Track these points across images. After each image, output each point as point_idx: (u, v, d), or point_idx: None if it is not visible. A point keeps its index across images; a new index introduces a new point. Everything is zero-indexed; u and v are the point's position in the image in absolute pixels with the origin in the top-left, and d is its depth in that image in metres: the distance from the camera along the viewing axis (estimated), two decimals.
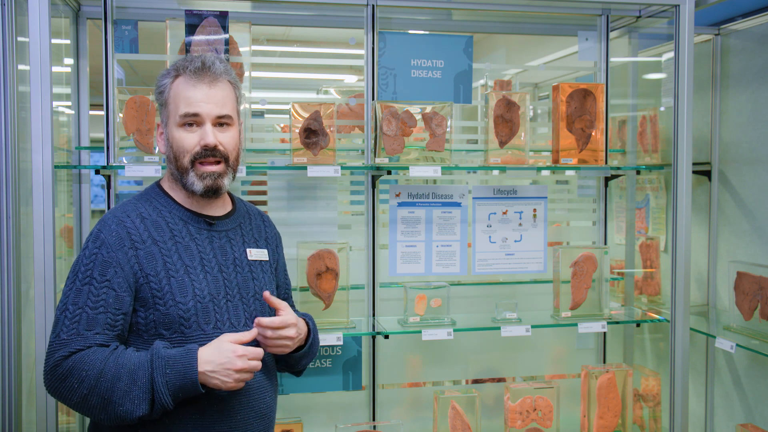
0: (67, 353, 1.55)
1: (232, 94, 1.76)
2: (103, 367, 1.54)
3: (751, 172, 2.82)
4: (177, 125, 1.70)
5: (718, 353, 2.98)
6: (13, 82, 2.23)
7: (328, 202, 2.76)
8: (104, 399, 1.53)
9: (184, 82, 1.70)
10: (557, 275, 2.73)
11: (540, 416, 2.67)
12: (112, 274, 1.61)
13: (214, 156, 1.70)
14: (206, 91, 1.69)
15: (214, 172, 1.71)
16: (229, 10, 2.53)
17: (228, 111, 1.73)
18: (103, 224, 1.67)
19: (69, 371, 1.54)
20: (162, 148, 1.77)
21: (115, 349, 1.58)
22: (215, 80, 1.71)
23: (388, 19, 2.77)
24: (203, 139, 1.69)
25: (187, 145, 1.69)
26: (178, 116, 1.69)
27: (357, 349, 2.75)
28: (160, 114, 1.76)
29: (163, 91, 1.73)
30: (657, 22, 2.86)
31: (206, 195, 1.73)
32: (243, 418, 1.69)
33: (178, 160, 1.71)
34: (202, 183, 1.70)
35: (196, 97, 1.69)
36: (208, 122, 1.70)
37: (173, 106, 1.71)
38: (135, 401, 1.53)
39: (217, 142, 1.70)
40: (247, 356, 1.60)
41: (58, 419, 2.15)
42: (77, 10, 2.62)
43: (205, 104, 1.69)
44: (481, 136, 2.95)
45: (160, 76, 1.76)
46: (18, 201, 2.24)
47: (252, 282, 1.78)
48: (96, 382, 1.53)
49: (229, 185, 1.77)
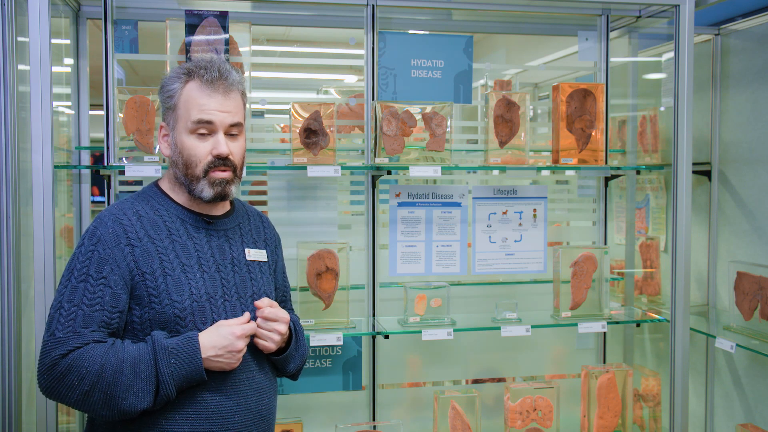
0: (64, 351, 1.54)
1: (242, 103, 1.77)
2: (103, 362, 1.53)
3: (751, 172, 2.82)
4: (188, 131, 1.69)
5: (718, 353, 2.98)
6: (13, 82, 2.23)
7: (328, 202, 2.76)
8: (107, 394, 1.53)
9: (197, 89, 1.69)
10: (557, 275, 2.73)
11: (540, 416, 2.67)
12: (108, 271, 1.61)
13: (226, 165, 1.71)
14: (221, 100, 1.70)
15: (225, 178, 1.71)
16: (229, 10, 2.53)
17: (239, 119, 1.74)
18: (99, 221, 1.67)
19: (67, 369, 1.54)
20: (166, 151, 1.76)
21: (113, 344, 1.57)
22: (229, 90, 1.72)
23: (388, 19, 2.77)
24: (216, 148, 1.69)
25: (199, 154, 1.69)
26: (191, 122, 1.68)
27: (357, 349, 2.75)
28: (166, 116, 1.75)
29: (173, 94, 1.71)
30: (657, 22, 2.86)
31: (213, 201, 1.73)
32: (242, 419, 1.68)
33: (189, 168, 1.70)
34: (212, 190, 1.70)
35: (211, 105, 1.69)
36: (221, 131, 1.70)
37: (184, 111, 1.70)
38: (139, 394, 1.54)
39: (229, 151, 1.71)
40: (245, 334, 1.66)
41: (58, 419, 2.15)
42: (77, 10, 2.62)
43: (219, 113, 1.69)
44: (481, 136, 2.95)
45: (168, 77, 1.74)
46: (18, 201, 2.24)
47: (250, 282, 1.78)
48: (97, 378, 1.53)
49: (236, 193, 1.77)
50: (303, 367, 1.93)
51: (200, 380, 1.60)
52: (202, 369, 1.59)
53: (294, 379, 1.93)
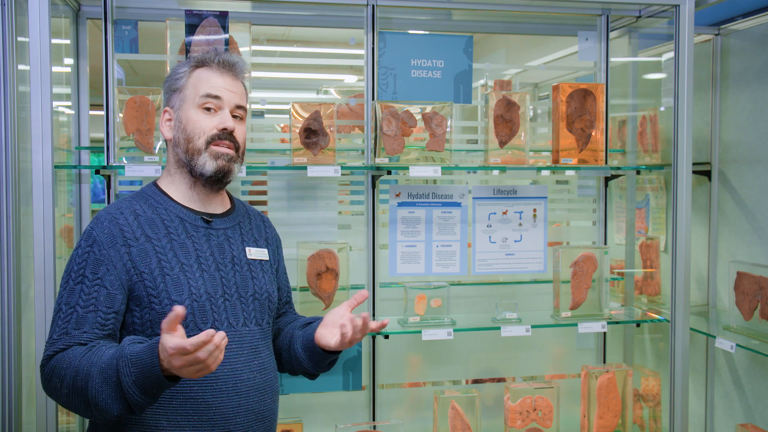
0: (51, 353, 1.54)
1: (245, 93, 1.82)
2: (77, 365, 1.50)
3: (751, 172, 2.82)
4: (196, 106, 1.71)
5: (718, 353, 2.98)
6: (13, 82, 2.23)
7: (328, 202, 2.76)
8: (83, 397, 1.49)
9: (207, 70, 1.75)
10: (557, 275, 2.73)
11: (540, 416, 2.67)
12: (104, 272, 1.60)
13: (230, 140, 1.73)
14: (230, 81, 1.76)
15: (228, 153, 1.72)
16: (229, 10, 2.53)
17: (245, 103, 1.79)
18: (95, 222, 1.66)
19: (51, 371, 1.53)
20: (167, 134, 1.76)
21: (92, 347, 1.53)
22: (237, 76, 1.78)
23: (388, 19, 2.77)
24: (222, 122, 1.72)
25: (204, 126, 1.71)
26: (199, 96, 1.71)
27: (357, 349, 2.75)
28: (171, 99, 1.77)
29: (180, 77, 1.75)
30: (657, 22, 2.86)
31: (214, 179, 1.72)
32: (243, 420, 1.68)
33: (191, 141, 1.70)
34: (215, 163, 1.70)
35: (220, 83, 1.74)
36: (227, 108, 1.73)
37: (192, 89, 1.73)
38: (108, 400, 1.46)
39: (235, 127, 1.73)
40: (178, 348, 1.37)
41: (58, 419, 2.15)
42: (77, 10, 2.62)
43: (227, 91, 1.74)
44: (481, 136, 2.95)
45: (178, 65, 1.79)
46: (18, 201, 2.24)
47: (251, 281, 1.77)
48: (72, 381, 1.49)
49: (236, 174, 1.77)
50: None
51: (169, 386, 1.45)
52: (162, 377, 1.41)
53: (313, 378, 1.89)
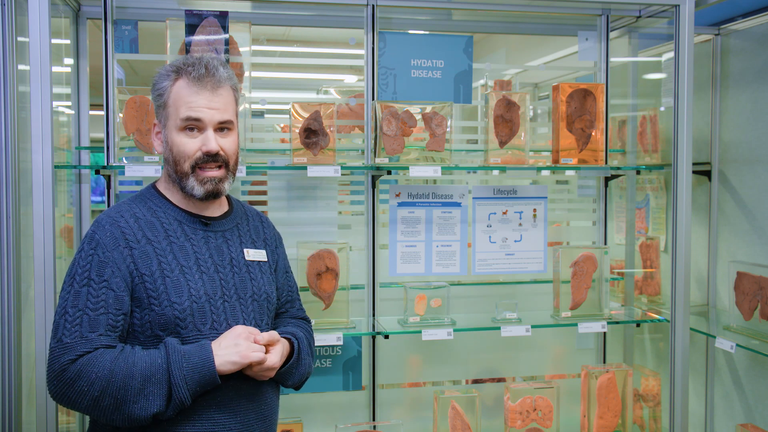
0: (74, 356, 1.54)
1: (232, 98, 1.76)
2: (113, 367, 1.53)
3: (751, 172, 2.82)
4: (178, 129, 1.69)
5: (718, 353, 2.98)
6: (13, 82, 2.23)
7: (328, 202, 2.76)
8: (117, 399, 1.53)
9: (186, 86, 1.69)
10: (557, 275, 2.73)
11: (540, 416, 2.67)
12: (110, 274, 1.61)
13: (216, 161, 1.70)
14: (209, 97, 1.69)
15: (215, 177, 1.71)
16: (229, 10, 2.53)
17: (229, 116, 1.73)
18: (97, 225, 1.67)
19: (77, 375, 1.53)
20: (158, 148, 1.77)
21: (123, 350, 1.58)
22: (218, 86, 1.71)
23: (388, 19, 2.77)
24: (205, 145, 1.68)
25: (188, 151, 1.69)
26: (179, 119, 1.68)
27: (357, 349, 2.75)
28: (158, 113, 1.75)
29: (163, 92, 1.71)
30: (657, 22, 2.86)
31: (206, 199, 1.73)
32: (244, 419, 1.68)
33: (178, 164, 1.70)
34: (202, 188, 1.70)
35: (199, 102, 1.68)
36: (210, 128, 1.69)
37: (173, 108, 1.69)
38: (149, 397, 1.53)
39: (219, 147, 1.70)
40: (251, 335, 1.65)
41: (58, 419, 2.15)
42: (77, 10, 2.62)
43: (207, 110, 1.68)
44: (481, 136, 2.95)
45: (158, 75, 1.74)
46: (18, 201, 2.24)
47: (250, 282, 1.77)
48: (107, 383, 1.52)
49: (228, 189, 1.77)
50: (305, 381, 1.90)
51: (213, 383, 1.59)
52: (215, 372, 1.58)
53: (296, 389, 1.91)
